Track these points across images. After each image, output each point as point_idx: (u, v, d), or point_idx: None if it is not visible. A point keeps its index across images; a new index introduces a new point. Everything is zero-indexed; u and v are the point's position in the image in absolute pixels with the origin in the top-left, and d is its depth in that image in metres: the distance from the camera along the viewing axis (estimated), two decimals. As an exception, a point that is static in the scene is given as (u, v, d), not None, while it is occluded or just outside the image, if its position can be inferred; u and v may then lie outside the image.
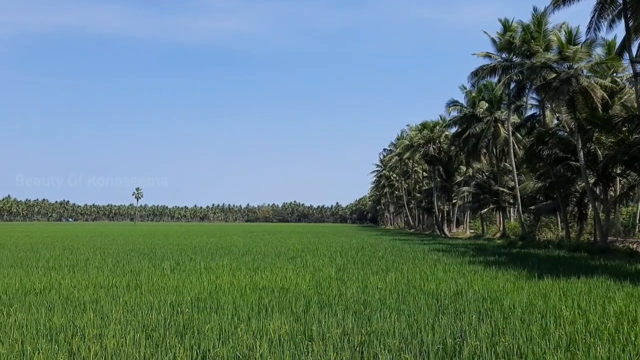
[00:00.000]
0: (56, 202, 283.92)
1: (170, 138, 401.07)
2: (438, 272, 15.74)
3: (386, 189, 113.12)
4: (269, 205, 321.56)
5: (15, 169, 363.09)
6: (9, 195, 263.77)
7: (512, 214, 57.07)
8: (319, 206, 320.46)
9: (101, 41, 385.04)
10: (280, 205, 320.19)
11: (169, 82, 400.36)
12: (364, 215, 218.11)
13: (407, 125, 79.31)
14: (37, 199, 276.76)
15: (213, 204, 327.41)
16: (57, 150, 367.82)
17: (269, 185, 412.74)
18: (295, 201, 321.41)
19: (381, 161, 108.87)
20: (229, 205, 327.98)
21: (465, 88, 50.87)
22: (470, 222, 69.37)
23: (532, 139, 37.39)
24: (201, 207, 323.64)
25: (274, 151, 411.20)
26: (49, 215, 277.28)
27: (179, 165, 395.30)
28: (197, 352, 6.39)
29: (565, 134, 35.01)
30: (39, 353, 6.38)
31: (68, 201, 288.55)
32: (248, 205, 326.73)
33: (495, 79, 44.37)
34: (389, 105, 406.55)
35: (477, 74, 43.40)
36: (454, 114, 53.56)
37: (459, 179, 65.99)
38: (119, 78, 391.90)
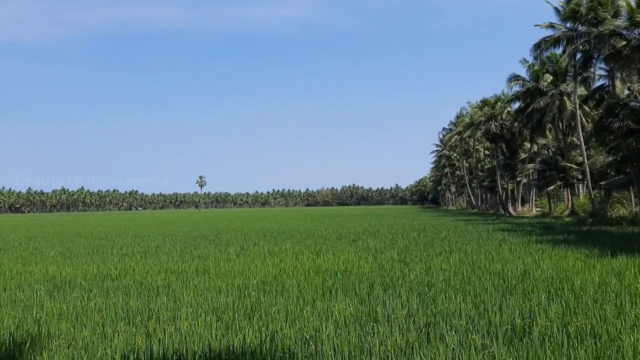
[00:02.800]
0: (126, 192, 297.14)
1: (229, 126, 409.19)
2: (504, 252, 15.39)
3: (447, 169, 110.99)
4: (328, 189, 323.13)
5: (86, 167, 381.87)
6: (82, 187, 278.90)
7: (581, 191, 54.77)
8: (378, 188, 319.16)
9: (156, 35, 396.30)
10: (339, 189, 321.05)
11: (223, 70, 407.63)
12: (425, 196, 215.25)
13: (467, 102, 77.58)
14: (109, 190, 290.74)
15: (273, 190, 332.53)
16: (125, 141, 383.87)
17: (327, 169, 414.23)
18: (354, 184, 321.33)
19: (441, 141, 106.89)
20: (289, 190, 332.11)
21: (527, 61, 48.99)
22: (536, 200, 67.14)
23: (601, 111, 35.48)
24: (262, 193, 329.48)
25: (332, 135, 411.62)
26: (120, 204, 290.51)
27: (239, 152, 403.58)
28: (265, 334, 6.57)
29: (638, 104, 33.07)
30: (118, 335, 6.76)
31: (137, 191, 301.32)
32: (307, 189, 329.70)
33: (559, 50, 42.39)
34: (447, 84, 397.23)
35: (539, 46, 41.62)
36: (516, 89, 51.70)
37: (523, 156, 63.83)
38: (174, 70, 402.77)
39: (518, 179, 65.73)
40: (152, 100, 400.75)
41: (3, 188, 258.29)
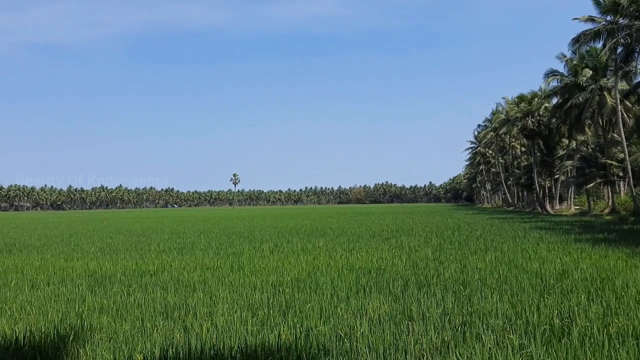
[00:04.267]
0: (162, 189, 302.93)
1: (263, 124, 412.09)
2: (541, 251, 15.09)
3: (482, 166, 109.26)
4: (360, 186, 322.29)
5: (123, 164, 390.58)
6: (120, 185, 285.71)
7: (622, 188, 53.16)
8: (411, 186, 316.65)
9: (189, 34, 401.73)
10: (372, 187, 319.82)
11: (256, 69, 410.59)
12: (459, 194, 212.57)
13: (502, 98, 75.96)
14: (145, 187, 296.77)
15: (306, 187, 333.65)
16: (159, 140, 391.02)
17: (360, 167, 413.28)
18: (387, 182, 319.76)
19: (475, 137, 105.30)
20: (321, 187, 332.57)
21: (565, 56, 47.79)
22: (574, 198, 65.46)
23: (643, 106, 34.45)
24: (295, 191, 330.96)
25: (364, 133, 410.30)
26: (156, 202, 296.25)
27: (272, 150, 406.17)
28: (300, 330, 6.62)
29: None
30: (157, 329, 6.92)
31: (172, 188, 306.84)
32: (340, 187, 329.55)
33: (599, 44, 41.17)
34: (481, 80, 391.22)
35: (578, 40, 40.53)
36: (554, 84, 50.54)
37: (560, 152, 62.38)
38: (207, 68, 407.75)
39: (556, 177, 64.25)
40: (185, 99, 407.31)
41: (45, 185, 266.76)
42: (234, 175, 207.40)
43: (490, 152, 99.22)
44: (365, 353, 5.72)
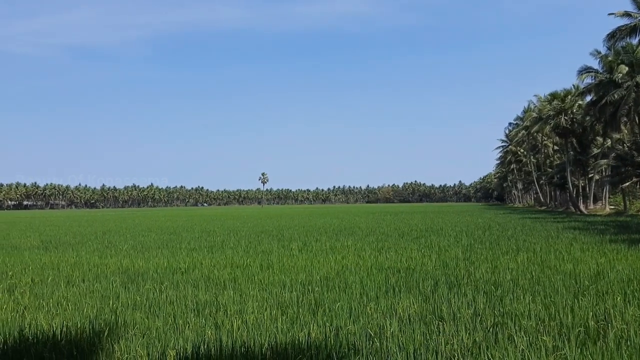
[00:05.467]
0: (192, 188, 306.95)
1: (291, 123, 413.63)
2: (575, 252, 14.77)
3: (513, 165, 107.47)
4: (389, 185, 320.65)
5: (154, 163, 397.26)
6: (151, 184, 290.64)
7: (659, 188, 51.62)
8: (440, 185, 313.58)
9: (218, 34, 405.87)
10: (400, 186, 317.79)
11: (284, 68, 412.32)
12: (489, 193, 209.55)
13: (534, 96, 74.74)
14: (176, 186, 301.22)
15: (334, 186, 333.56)
16: (189, 140, 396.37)
17: (389, 166, 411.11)
18: (416, 181, 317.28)
19: (506, 136, 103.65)
20: (350, 186, 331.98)
21: (599, 53, 46.66)
22: (609, 197, 63.88)
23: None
24: (323, 190, 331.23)
25: (393, 131, 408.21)
26: (186, 200, 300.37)
27: (301, 149, 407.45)
28: (329, 329, 6.63)
29: None
30: (189, 326, 7.02)
31: (202, 187, 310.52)
32: (368, 186, 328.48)
33: (635, 40, 40.15)
34: (512, 77, 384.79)
35: (614, 36, 39.60)
36: (588, 81, 49.36)
37: (595, 151, 60.92)
38: (235, 69, 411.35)
39: (590, 176, 62.78)
40: (214, 99, 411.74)
41: (79, 184, 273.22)
42: (263, 174, 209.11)
43: (521, 150, 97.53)
44: (395, 353, 5.69)
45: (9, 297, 9.57)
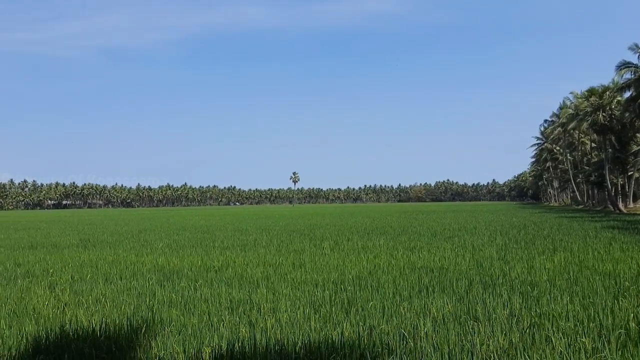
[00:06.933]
0: (225, 187, 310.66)
1: (322, 122, 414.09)
2: (614, 252, 14.37)
3: (548, 163, 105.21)
4: (421, 184, 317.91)
5: (188, 163, 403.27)
6: (185, 183, 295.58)
7: None
8: (473, 184, 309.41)
9: (243, 34, 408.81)
10: (432, 185, 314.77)
11: (314, 68, 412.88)
12: (524, 192, 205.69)
13: (570, 92, 72.89)
14: (209, 186, 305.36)
15: (365, 185, 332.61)
16: (222, 138, 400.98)
17: (420, 165, 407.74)
18: (448, 180, 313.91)
19: (542, 133, 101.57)
20: (381, 185, 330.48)
21: (639, 47, 45.25)
22: (650, 196, 61.90)
23: None
24: (354, 189, 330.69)
25: (425, 130, 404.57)
26: (219, 200, 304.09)
27: (332, 148, 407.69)
28: (363, 328, 6.62)
29: None
30: (223, 324, 7.11)
31: (235, 186, 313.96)
32: (400, 185, 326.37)
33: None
34: (547, 74, 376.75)
35: (655, 29, 38.26)
36: (627, 76, 48.00)
37: (635, 148, 59.12)
38: (264, 68, 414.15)
39: (629, 174, 60.98)
40: (245, 99, 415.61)
41: (116, 184, 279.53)
42: (294, 173, 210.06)
43: (557, 148, 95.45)
44: (429, 353, 5.65)
45: (50, 294, 9.86)
